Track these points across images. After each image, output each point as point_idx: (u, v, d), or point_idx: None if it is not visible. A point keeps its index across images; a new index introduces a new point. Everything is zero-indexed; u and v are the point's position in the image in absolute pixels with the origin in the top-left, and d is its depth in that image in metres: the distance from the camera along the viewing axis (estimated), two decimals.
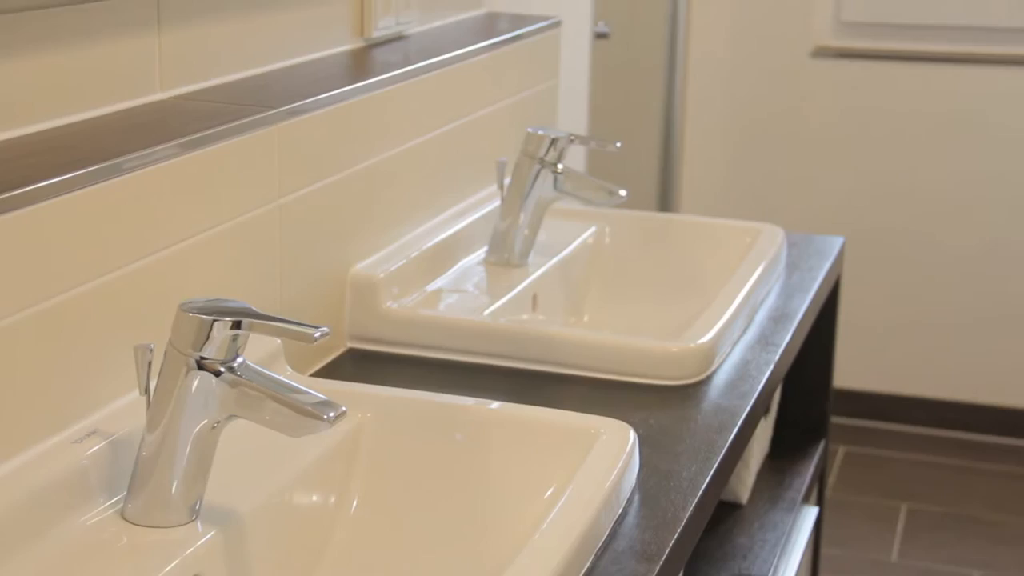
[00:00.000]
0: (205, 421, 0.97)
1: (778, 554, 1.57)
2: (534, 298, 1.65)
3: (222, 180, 1.21)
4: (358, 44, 1.62)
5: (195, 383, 0.96)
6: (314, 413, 0.93)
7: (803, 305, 1.64)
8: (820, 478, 1.97)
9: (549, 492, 1.11)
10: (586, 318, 1.78)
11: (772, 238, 1.77)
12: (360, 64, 1.56)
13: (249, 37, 1.39)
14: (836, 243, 1.90)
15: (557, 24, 2.02)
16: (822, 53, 3.36)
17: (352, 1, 1.59)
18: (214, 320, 0.94)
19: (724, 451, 1.23)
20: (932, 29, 3.29)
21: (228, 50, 1.36)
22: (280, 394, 0.95)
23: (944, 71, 3.30)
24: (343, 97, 1.40)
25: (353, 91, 1.43)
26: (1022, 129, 3.27)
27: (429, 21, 1.80)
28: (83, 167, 1.03)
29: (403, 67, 1.55)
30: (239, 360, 0.97)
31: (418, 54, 1.64)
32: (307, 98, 1.34)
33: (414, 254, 1.54)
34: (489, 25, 1.91)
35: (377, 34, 1.63)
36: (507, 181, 1.68)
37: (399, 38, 1.71)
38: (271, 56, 1.44)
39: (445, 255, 1.62)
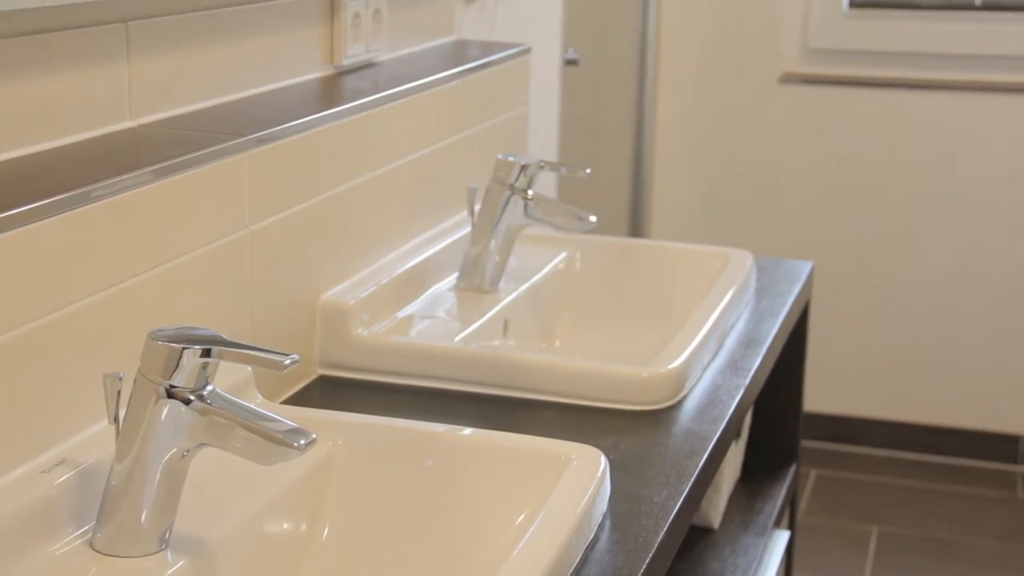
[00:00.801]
0: (175, 450, 0.97)
1: None
2: (505, 324, 1.65)
3: (192, 208, 1.21)
4: (328, 72, 1.63)
5: (164, 412, 0.95)
6: (284, 441, 0.93)
7: (773, 330, 1.65)
8: (791, 502, 1.97)
9: (520, 518, 1.11)
10: (557, 344, 1.78)
11: (742, 263, 1.78)
12: (330, 91, 1.57)
13: (219, 65, 1.39)
14: (805, 268, 1.92)
15: (527, 51, 2.03)
16: (789, 79, 3.39)
17: (322, 29, 1.60)
18: (183, 348, 0.94)
19: (695, 476, 1.24)
20: (899, 56, 3.32)
21: (198, 78, 1.36)
22: (250, 422, 0.94)
23: (911, 97, 3.33)
24: (313, 124, 1.41)
25: (323, 118, 1.43)
26: (989, 155, 3.30)
27: (399, 49, 1.81)
28: (53, 195, 1.02)
29: (373, 94, 1.55)
30: (209, 388, 0.96)
31: (388, 81, 1.64)
32: (277, 126, 1.34)
33: (385, 281, 1.54)
34: (459, 52, 1.92)
35: (347, 62, 1.64)
36: (477, 207, 1.68)
37: (369, 65, 1.71)
38: (241, 84, 1.44)
39: (416, 282, 1.62)
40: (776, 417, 1.93)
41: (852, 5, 3.33)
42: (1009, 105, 3.27)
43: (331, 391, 1.44)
